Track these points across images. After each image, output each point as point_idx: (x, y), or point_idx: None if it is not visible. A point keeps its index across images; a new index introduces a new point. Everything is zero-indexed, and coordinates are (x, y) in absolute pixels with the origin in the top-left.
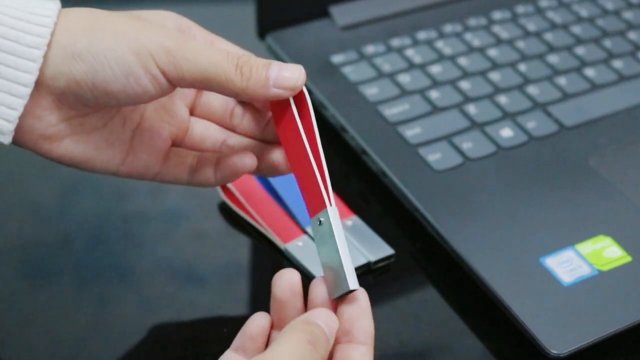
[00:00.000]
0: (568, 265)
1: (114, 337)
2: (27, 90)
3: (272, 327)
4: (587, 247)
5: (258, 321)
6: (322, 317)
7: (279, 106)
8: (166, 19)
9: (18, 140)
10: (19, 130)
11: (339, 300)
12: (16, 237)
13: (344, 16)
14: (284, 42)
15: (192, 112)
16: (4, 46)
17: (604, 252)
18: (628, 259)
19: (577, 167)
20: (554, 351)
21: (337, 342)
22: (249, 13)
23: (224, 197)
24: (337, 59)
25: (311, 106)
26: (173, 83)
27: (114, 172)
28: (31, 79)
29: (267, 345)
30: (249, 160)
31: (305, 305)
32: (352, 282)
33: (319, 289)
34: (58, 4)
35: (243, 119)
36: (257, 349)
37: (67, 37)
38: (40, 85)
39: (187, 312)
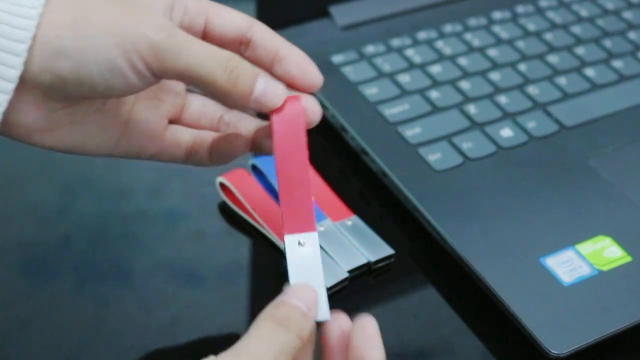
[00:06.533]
0: (568, 265)
1: (114, 337)
2: (11, 86)
3: None
4: (587, 247)
5: None
6: (294, 294)
7: (286, 119)
8: None
9: (7, 133)
10: (6, 124)
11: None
12: (16, 237)
13: (344, 16)
14: None
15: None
16: None
17: (604, 252)
18: (628, 259)
19: (577, 167)
20: (554, 351)
21: None
22: (249, 13)
23: (224, 197)
24: (337, 59)
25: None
26: (157, 77)
27: (108, 154)
28: (15, 74)
29: None
30: (241, 143)
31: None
32: (325, 312)
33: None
34: None
35: None
36: None
37: (51, 31)
38: (25, 80)
39: (187, 312)
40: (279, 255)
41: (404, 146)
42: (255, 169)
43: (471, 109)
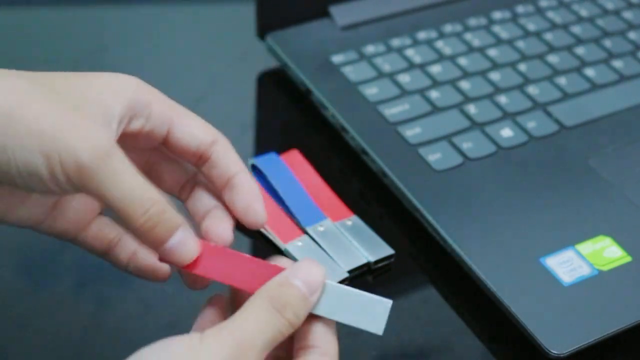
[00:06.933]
0: (568, 265)
1: (114, 337)
2: None
3: None
4: (587, 247)
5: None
6: (298, 272)
7: (203, 263)
8: (120, 93)
9: None
10: None
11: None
12: (16, 237)
13: (344, 16)
14: (284, 42)
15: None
16: None
17: (604, 252)
18: (628, 259)
19: (577, 167)
20: (554, 351)
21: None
22: (249, 13)
23: None
24: (337, 59)
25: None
26: (77, 192)
27: (30, 228)
28: None
29: None
30: (163, 274)
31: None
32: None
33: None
34: None
35: (194, 193)
36: None
37: None
38: None
39: (187, 312)
40: (279, 255)
41: (404, 146)
42: (255, 169)
43: (471, 109)
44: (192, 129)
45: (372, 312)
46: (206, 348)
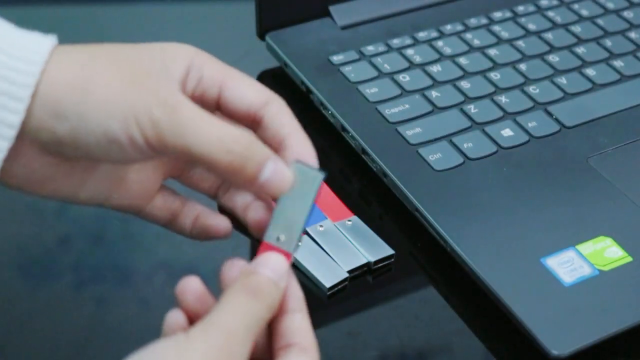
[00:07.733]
0: (569, 265)
1: (114, 337)
2: (13, 132)
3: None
4: (588, 247)
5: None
6: (264, 263)
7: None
8: (177, 57)
9: (5, 182)
10: (5, 174)
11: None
12: (16, 237)
13: (344, 16)
14: (284, 42)
15: None
16: None
17: (605, 253)
18: (629, 259)
19: (578, 167)
20: (554, 351)
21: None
22: (249, 13)
23: None
24: (337, 58)
25: None
26: (157, 153)
27: (97, 205)
28: (17, 120)
29: None
30: (224, 229)
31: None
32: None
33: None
34: (52, 41)
35: (232, 189)
36: None
37: (55, 92)
38: (24, 133)
39: None
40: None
41: (404, 146)
42: None
43: (471, 108)
44: (242, 90)
45: None
46: (195, 347)
